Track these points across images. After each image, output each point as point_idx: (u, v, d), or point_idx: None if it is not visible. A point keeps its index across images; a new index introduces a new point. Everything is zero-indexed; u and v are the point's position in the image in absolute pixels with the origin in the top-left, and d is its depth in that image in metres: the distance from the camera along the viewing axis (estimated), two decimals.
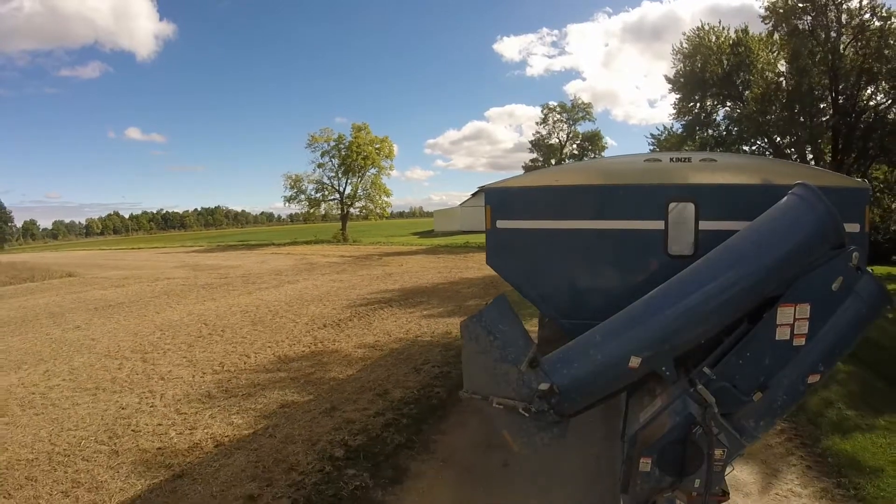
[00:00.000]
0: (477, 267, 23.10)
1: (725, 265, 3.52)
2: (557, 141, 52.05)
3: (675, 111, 25.86)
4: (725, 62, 23.62)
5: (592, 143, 51.75)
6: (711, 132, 24.93)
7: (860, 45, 19.76)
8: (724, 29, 24.53)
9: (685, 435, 3.07)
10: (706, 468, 3.05)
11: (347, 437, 6.14)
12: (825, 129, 21.08)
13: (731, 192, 4.36)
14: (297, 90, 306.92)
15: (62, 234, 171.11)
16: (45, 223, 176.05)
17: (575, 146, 51.86)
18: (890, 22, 19.13)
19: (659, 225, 4.47)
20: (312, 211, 50.89)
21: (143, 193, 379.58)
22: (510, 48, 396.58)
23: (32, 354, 10.95)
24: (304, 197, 50.31)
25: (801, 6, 20.08)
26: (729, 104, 24.81)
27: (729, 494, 3.26)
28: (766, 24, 21.69)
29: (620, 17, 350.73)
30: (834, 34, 20.10)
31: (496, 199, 4.96)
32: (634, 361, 3.44)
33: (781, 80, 22.28)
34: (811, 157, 22.17)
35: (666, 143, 26.18)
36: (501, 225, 4.91)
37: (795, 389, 3.47)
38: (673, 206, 4.48)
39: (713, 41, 24.36)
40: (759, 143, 23.57)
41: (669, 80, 25.74)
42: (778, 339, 3.40)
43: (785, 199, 3.66)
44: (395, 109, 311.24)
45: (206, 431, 6.46)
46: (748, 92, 22.79)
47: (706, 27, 24.79)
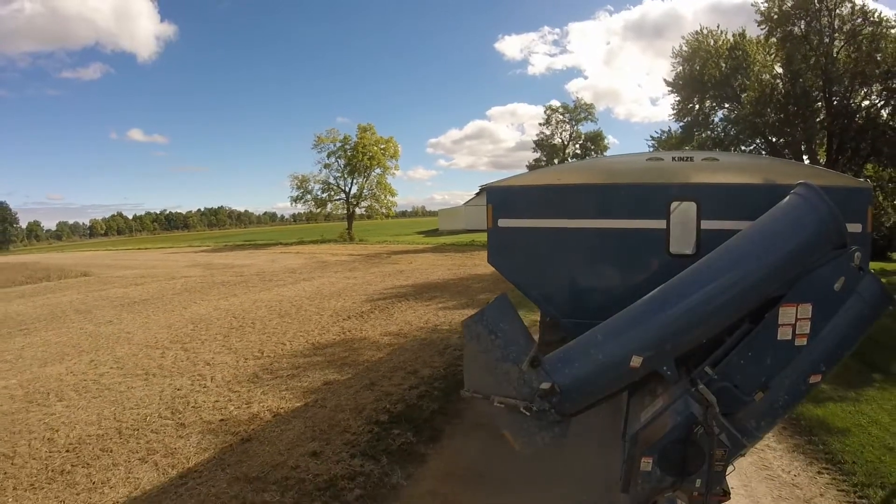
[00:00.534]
0: (484, 264, 23.35)
1: (727, 265, 3.51)
2: (560, 141, 52.49)
3: (674, 113, 26.59)
4: (723, 65, 24.31)
5: (595, 143, 52.19)
6: (709, 133, 25.53)
7: (852, 49, 20.50)
8: (721, 32, 25.26)
9: (686, 435, 3.04)
10: (707, 468, 3.03)
11: (388, 405, 6.99)
12: (819, 130, 21.82)
13: (733, 191, 4.33)
14: (298, 90, 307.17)
15: (66, 234, 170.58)
16: (48, 224, 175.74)
17: (577, 146, 52.31)
18: (881, 27, 19.92)
19: (661, 224, 4.46)
20: (319, 211, 51.62)
21: (145, 194, 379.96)
22: (511, 47, 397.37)
23: (72, 347, 11.38)
24: (310, 197, 51.08)
25: (794, 12, 20.80)
26: (727, 105, 25.43)
27: (730, 494, 3.25)
28: (761, 28, 22.44)
29: (622, 14, 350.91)
30: (827, 39, 20.82)
31: (498, 197, 4.96)
32: (636, 361, 3.45)
33: (778, 82, 22.94)
34: (807, 158, 22.80)
35: (665, 144, 26.73)
36: (503, 224, 4.91)
37: (797, 389, 3.49)
38: (675, 205, 4.48)
39: (711, 44, 25.05)
40: (756, 143, 24.15)
41: (668, 83, 26.47)
42: (780, 339, 3.40)
43: (787, 198, 3.65)
44: (396, 109, 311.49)
45: (261, 405, 7.27)
46: (744, 94, 23.50)
47: (705, 31, 25.52)
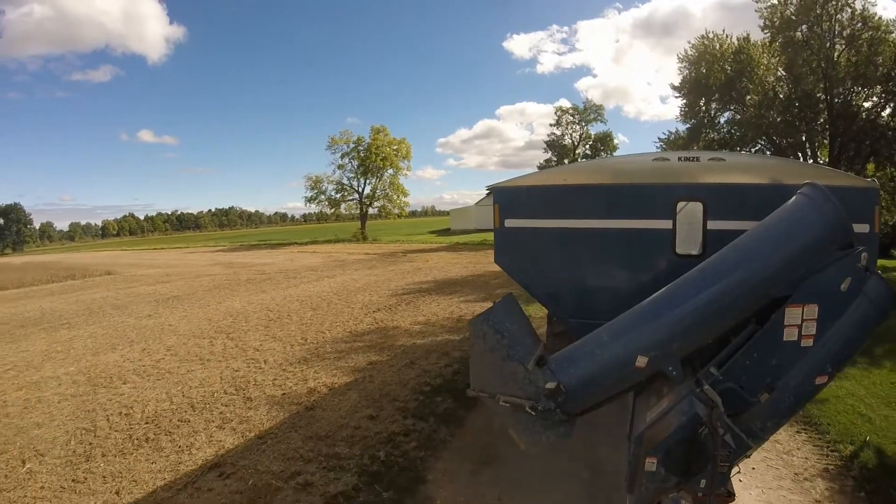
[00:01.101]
0: None
1: (733, 265, 3.49)
2: (571, 142, 53.23)
3: (681, 115, 27.44)
4: (728, 68, 25.04)
5: (604, 143, 52.92)
6: (715, 135, 26.31)
7: (852, 52, 21.29)
8: (727, 37, 25.99)
9: (691, 435, 3.03)
10: (711, 469, 3.01)
11: (428, 380, 8.01)
12: (821, 131, 22.60)
13: (739, 191, 4.31)
14: (307, 90, 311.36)
15: (78, 235, 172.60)
16: (59, 225, 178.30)
17: (587, 147, 53.05)
18: (880, 31, 20.70)
19: (667, 224, 4.46)
20: (333, 211, 52.77)
21: (155, 195, 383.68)
22: (520, 46, 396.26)
23: (120, 338, 11.98)
24: (324, 197, 52.30)
25: (796, 18, 21.62)
26: (732, 107, 26.19)
27: (734, 495, 3.23)
28: (765, 32, 23.29)
29: (630, 12, 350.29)
30: (828, 44, 21.60)
31: (504, 197, 4.99)
32: (641, 361, 3.44)
33: (781, 85, 23.75)
34: (810, 159, 23.55)
35: (673, 145, 27.53)
36: (510, 224, 4.94)
37: (803, 390, 3.47)
38: (681, 205, 4.48)
39: (717, 48, 25.83)
40: (760, 143, 24.92)
41: (675, 87, 27.35)
42: (785, 339, 3.39)
43: (793, 198, 3.62)
44: (405, 108, 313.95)
45: (316, 381, 8.29)
46: (748, 97, 24.29)
47: (710, 34, 26.28)
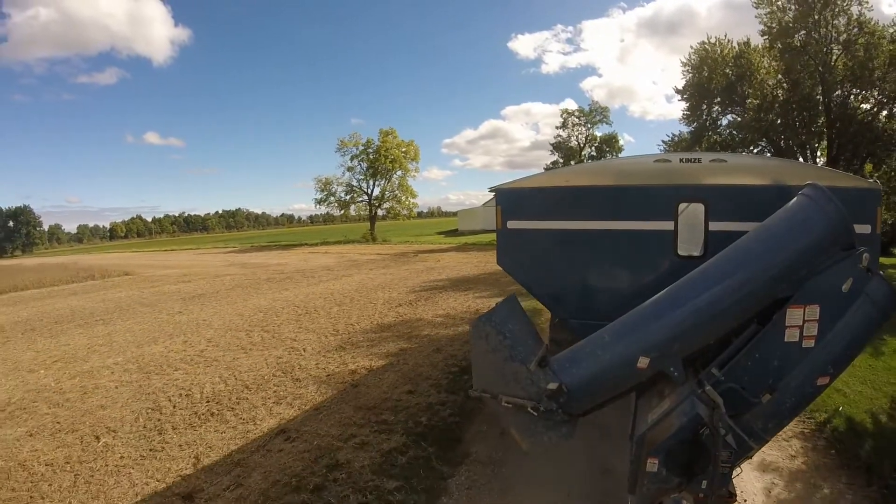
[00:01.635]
0: None
1: (735, 266, 3.51)
2: (577, 144, 53.79)
3: (684, 118, 28.34)
4: (729, 73, 25.91)
5: (609, 145, 53.52)
6: (717, 138, 27.04)
7: (848, 57, 22.12)
8: (728, 41, 26.90)
9: (693, 436, 3.04)
10: (713, 469, 3.03)
11: (456, 362, 8.95)
12: (819, 133, 23.44)
13: (740, 192, 4.32)
14: (312, 91, 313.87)
15: (87, 237, 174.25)
16: (67, 227, 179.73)
17: (593, 149, 53.63)
18: (875, 37, 21.53)
19: (668, 226, 4.48)
20: (342, 212, 53.75)
21: (161, 197, 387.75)
22: (525, 46, 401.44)
23: (158, 332, 12.58)
24: (333, 199, 53.20)
25: (793, 25, 22.47)
26: (731, 110, 27.05)
27: (736, 496, 3.26)
28: (764, 38, 24.14)
29: (635, 11, 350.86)
30: (825, 49, 22.43)
31: (507, 199, 5.03)
32: (643, 362, 3.46)
33: (779, 90, 24.57)
34: (810, 160, 24.38)
35: (677, 147, 28.37)
36: (512, 225, 4.97)
37: (804, 391, 3.47)
38: (683, 206, 4.49)
39: (718, 53, 26.72)
40: (761, 144, 25.67)
41: (678, 90, 28.26)
42: (787, 340, 3.39)
43: (795, 199, 3.63)
44: (411, 109, 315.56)
45: (356, 364, 9.26)
46: (748, 101, 25.15)
47: (712, 39, 27.18)
